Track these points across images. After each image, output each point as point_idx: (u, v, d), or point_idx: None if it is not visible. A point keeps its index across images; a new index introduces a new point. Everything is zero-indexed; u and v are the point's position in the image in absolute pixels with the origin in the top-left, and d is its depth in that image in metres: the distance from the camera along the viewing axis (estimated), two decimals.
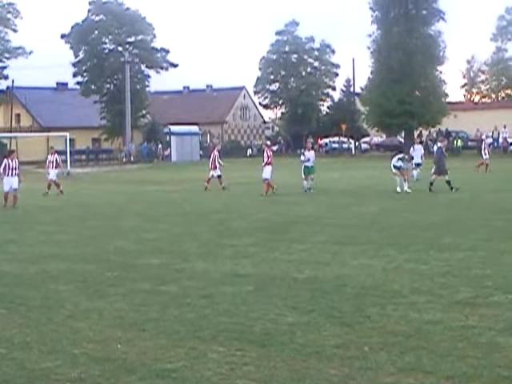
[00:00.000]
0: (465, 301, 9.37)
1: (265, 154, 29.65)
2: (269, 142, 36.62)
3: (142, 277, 11.59)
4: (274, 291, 10.23)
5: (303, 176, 28.91)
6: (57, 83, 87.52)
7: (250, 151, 79.49)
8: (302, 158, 29.66)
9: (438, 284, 10.41)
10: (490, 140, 65.71)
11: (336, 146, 79.38)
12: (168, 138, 72.93)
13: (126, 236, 16.74)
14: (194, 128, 75.14)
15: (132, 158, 69.99)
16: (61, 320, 9.02)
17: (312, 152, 30.21)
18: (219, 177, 31.49)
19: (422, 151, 34.79)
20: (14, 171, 25.52)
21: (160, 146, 75.35)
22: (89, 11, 76.35)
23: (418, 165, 33.00)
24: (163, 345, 7.82)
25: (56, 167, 32.33)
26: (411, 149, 34.07)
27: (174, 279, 11.32)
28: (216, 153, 32.22)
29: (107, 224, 19.37)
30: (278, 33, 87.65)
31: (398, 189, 26.59)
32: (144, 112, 79.70)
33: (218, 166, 31.64)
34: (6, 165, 25.58)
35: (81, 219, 20.77)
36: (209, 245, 14.99)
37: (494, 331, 7.98)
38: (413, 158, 31.76)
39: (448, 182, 26.14)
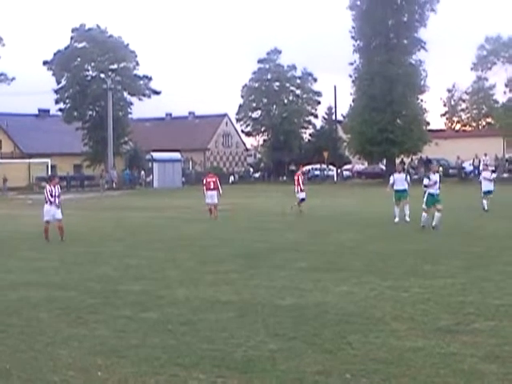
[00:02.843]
0: (446, 328, 9.39)
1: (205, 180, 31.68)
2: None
3: (123, 303, 11.53)
4: (256, 318, 10.20)
5: (425, 206, 23.21)
6: (39, 110, 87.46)
7: (232, 178, 79.58)
8: (426, 181, 23.59)
9: (419, 311, 10.43)
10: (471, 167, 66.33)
11: (318, 173, 79.59)
12: (150, 164, 72.95)
13: (108, 262, 16.66)
14: (176, 155, 75.20)
15: (114, 185, 69.90)
16: (41, 347, 8.95)
17: (437, 175, 24.10)
18: (302, 200, 32.30)
19: (491, 177, 31.34)
20: (56, 199, 22.33)
21: (142, 172, 75.32)
22: (71, 38, 76.50)
23: (487, 193, 30.37)
24: (144, 372, 7.78)
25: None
26: (480, 176, 31.95)
27: (155, 306, 11.27)
28: (301, 176, 33.69)
29: (89, 250, 19.26)
30: (260, 61, 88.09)
31: (397, 219, 25.43)
32: (126, 139, 79.72)
33: (303, 188, 32.62)
34: (47, 191, 22.32)
35: (62, 245, 20.65)
36: (190, 271, 14.96)
37: (476, 358, 8.00)
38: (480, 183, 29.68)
39: None
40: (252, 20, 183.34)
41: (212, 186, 30.80)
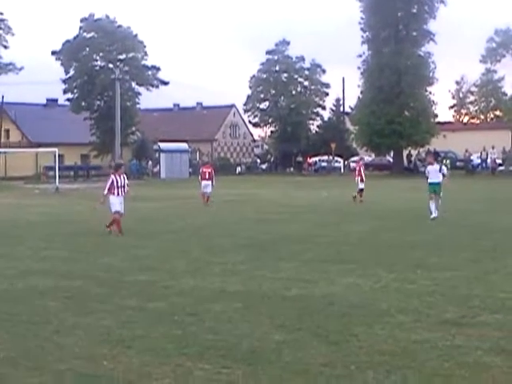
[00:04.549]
0: (452, 320, 9.38)
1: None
2: (205, 159, 40.39)
3: (129, 293, 11.55)
4: (262, 309, 10.21)
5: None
6: (47, 99, 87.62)
7: (239, 169, 79.60)
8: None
9: (425, 303, 10.42)
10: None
11: (325, 164, 79.56)
12: (157, 155, 72.97)
13: (115, 252, 16.69)
14: (184, 145, 75.23)
15: None
16: (47, 336, 8.98)
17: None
18: (361, 190, 33.21)
19: None
20: (123, 189, 21.06)
21: (150, 162, 75.33)
22: (80, 28, 76.54)
23: None
24: (149, 362, 7.79)
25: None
26: None
27: (161, 296, 11.28)
28: (362, 167, 34.83)
29: (96, 240, 19.30)
30: (268, 52, 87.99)
31: (434, 214, 23.46)
32: (134, 129, 79.77)
33: (364, 179, 33.64)
34: (113, 181, 20.92)
35: (69, 235, 20.68)
36: (197, 262, 14.97)
37: (481, 351, 7.98)
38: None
39: None
40: (261, 11, 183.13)
41: (207, 177, 33.05)
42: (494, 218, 23.90)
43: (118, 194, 20.90)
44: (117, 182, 20.88)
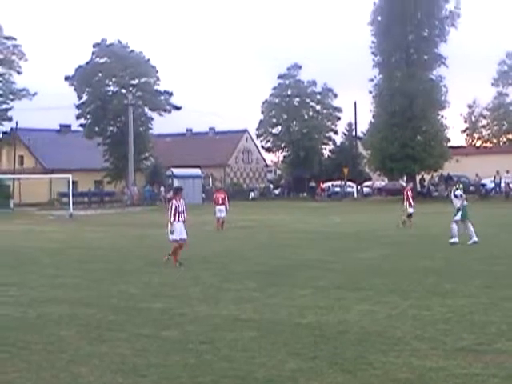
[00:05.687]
0: (468, 347, 9.33)
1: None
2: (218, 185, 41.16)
3: (144, 321, 11.56)
4: (277, 337, 10.19)
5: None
6: (60, 125, 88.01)
7: (252, 194, 79.61)
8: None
9: (440, 330, 10.37)
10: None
11: (338, 189, 79.48)
12: (170, 180, 73.13)
13: (129, 280, 16.70)
14: (197, 171, 75.40)
15: (134, 201, 70.04)
16: (62, 365, 8.98)
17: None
18: (410, 215, 33.05)
19: None
20: (183, 214, 20.00)
21: (162, 188, 75.52)
22: (93, 53, 77.07)
23: None
24: None
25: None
26: None
27: (175, 324, 11.28)
28: (410, 192, 34.33)
29: (110, 267, 19.31)
30: (280, 76, 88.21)
31: (456, 239, 23.67)
32: (147, 154, 79.99)
33: (413, 203, 33.38)
34: (176, 207, 19.79)
35: (83, 262, 20.71)
36: (211, 289, 14.96)
37: (498, 378, 7.94)
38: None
39: None
40: (272, 36, 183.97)
41: (220, 202, 34.33)
42: (507, 243, 23.79)
43: (179, 219, 19.85)
44: (178, 207, 19.86)
